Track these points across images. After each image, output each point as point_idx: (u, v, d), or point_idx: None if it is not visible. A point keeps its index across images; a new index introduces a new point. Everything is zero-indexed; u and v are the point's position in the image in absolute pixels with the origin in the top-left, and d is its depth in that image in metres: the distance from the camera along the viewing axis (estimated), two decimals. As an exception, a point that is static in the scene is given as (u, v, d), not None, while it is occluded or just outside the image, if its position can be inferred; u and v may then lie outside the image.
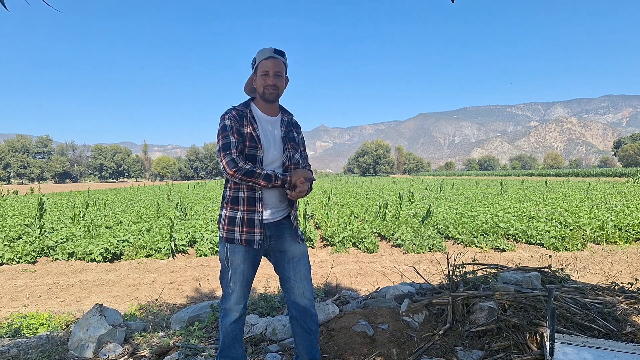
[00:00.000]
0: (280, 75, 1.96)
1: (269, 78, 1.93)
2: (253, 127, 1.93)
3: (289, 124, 2.08)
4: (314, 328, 2.09)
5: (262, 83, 1.94)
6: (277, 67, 1.94)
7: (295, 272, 2.05)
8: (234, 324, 2.03)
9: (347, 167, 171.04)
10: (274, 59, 1.93)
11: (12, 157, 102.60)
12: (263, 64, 1.94)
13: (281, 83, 1.97)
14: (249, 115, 1.95)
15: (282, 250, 2.04)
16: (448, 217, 10.36)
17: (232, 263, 1.96)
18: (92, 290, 5.39)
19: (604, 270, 5.71)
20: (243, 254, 1.96)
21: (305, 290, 2.05)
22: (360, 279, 5.61)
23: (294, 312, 2.08)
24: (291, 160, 2.01)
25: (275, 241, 2.02)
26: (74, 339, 2.68)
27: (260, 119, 1.99)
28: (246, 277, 2.00)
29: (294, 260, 2.05)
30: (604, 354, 1.91)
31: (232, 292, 1.99)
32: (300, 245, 2.08)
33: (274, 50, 1.94)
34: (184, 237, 7.88)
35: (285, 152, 2.00)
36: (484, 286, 2.92)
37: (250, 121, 1.94)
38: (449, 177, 70.19)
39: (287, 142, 2.01)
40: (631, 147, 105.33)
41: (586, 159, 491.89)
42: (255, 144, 1.91)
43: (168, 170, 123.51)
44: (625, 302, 2.60)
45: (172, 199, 20.39)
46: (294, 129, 2.10)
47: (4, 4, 1.45)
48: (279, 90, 1.97)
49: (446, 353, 2.34)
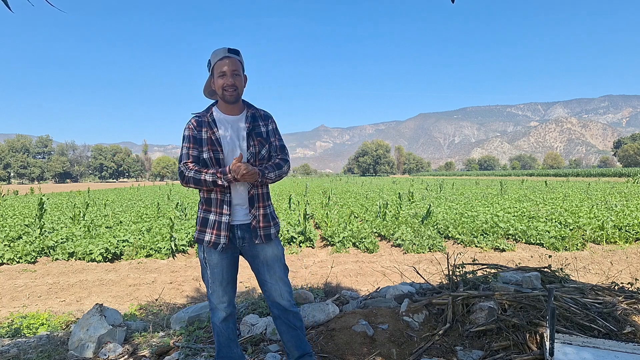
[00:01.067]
0: (238, 74, 1.94)
1: (226, 78, 1.90)
2: (212, 131, 1.93)
3: (253, 118, 2.04)
4: (298, 324, 2.09)
5: (220, 84, 1.92)
6: (234, 65, 1.91)
7: (271, 274, 2.04)
8: (223, 323, 2.03)
9: (347, 167, 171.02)
10: (229, 58, 1.91)
11: (12, 157, 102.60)
12: (219, 65, 1.91)
13: (240, 82, 1.95)
14: (208, 120, 1.95)
15: (255, 253, 2.03)
16: (448, 217, 10.35)
17: (210, 263, 1.98)
18: (92, 290, 5.39)
19: (603, 270, 5.71)
20: (219, 254, 1.97)
21: (282, 291, 2.05)
22: (360, 279, 5.61)
23: (276, 311, 2.09)
24: (256, 157, 1.99)
25: (247, 244, 2.00)
26: (74, 339, 2.68)
27: (222, 120, 1.98)
28: (225, 276, 2.00)
29: (267, 262, 2.04)
30: (604, 354, 1.91)
31: (212, 291, 2.01)
32: (272, 247, 2.05)
33: (228, 49, 1.92)
34: (184, 237, 7.88)
35: (250, 148, 1.97)
36: (484, 286, 2.93)
37: (209, 125, 1.94)
38: (449, 177, 70.18)
39: (253, 138, 1.99)
40: (631, 147, 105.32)
41: (586, 159, 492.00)
42: (216, 147, 1.92)
43: (168, 170, 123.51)
44: (625, 302, 2.60)
45: (172, 199, 20.39)
46: (261, 122, 2.05)
47: (8, 5, 1.45)
48: (239, 90, 1.95)
49: (446, 353, 2.34)
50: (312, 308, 2.91)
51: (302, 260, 6.94)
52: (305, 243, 8.11)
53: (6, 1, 1.44)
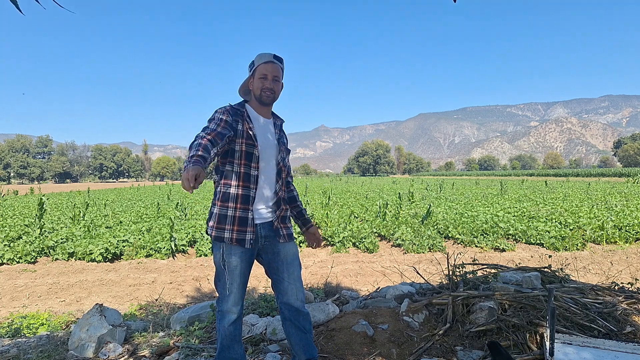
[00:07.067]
0: (278, 80, 2.00)
1: (267, 81, 1.97)
2: (249, 126, 1.95)
3: (281, 128, 2.15)
4: (308, 327, 2.09)
5: (259, 86, 1.97)
6: (276, 71, 1.98)
7: (289, 273, 2.04)
8: (232, 325, 2.01)
9: (347, 167, 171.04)
10: (273, 64, 1.97)
11: (12, 157, 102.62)
12: (262, 68, 1.97)
13: (278, 88, 2.01)
14: (245, 114, 1.99)
15: (276, 251, 2.04)
16: (448, 217, 10.35)
17: (229, 265, 1.94)
18: (92, 290, 5.39)
19: (604, 270, 5.71)
20: (239, 255, 1.94)
21: (298, 291, 2.06)
22: (360, 279, 5.61)
23: (286, 313, 2.08)
24: (284, 162, 2.08)
25: (269, 242, 2.01)
26: (74, 338, 2.68)
27: (257, 118, 2.03)
28: (243, 278, 1.99)
29: (287, 261, 2.04)
30: (604, 354, 1.91)
31: (229, 293, 1.98)
32: (292, 246, 2.09)
33: (274, 56, 1.99)
34: (184, 237, 7.88)
35: (280, 153, 2.05)
36: (484, 286, 2.93)
37: (246, 119, 1.97)
38: (449, 177, 70.17)
39: (280, 145, 2.07)
40: (631, 147, 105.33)
41: (586, 159, 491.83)
42: (252, 141, 1.93)
43: (168, 170, 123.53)
44: (625, 302, 2.60)
45: (172, 199, 20.39)
46: (284, 135, 2.16)
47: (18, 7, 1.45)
48: (275, 95, 2.01)
49: (446, 353, 2.34)
50: (312, 308, 2.91)
51: (302, 260, 6.93)
52: (306, 243, 8.12)
53: (16, 3, 1.44)
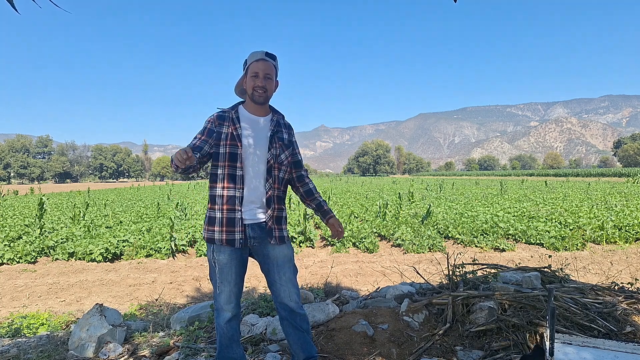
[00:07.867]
0: (270, 78, 1.99)
1: (258, 80, 1.96)
2: (235, 127, 1.97)
3: (278, 124, 2.10)
4: (305, 327, 2.09)
5: (251, 85, 1.97)
6: (268, 69, 1.97)
7: (281, 275, 2.04)
8: (228, 323, 2.03)
9: (347, 167, 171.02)
10: (264, 62, 1.97)
11: (12, 157, 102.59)
12: (254, 66, 1.97)
13: (270, 86, 2.01)
14: (232, 116, 2.00)
15: (266, 253, 2.03)
16: (448, 217, 10.35)
17: (219, 263, 1.97)
18: (92, 290, 5.40)
19: (603, 270, 5.71)
20: (229, 254, 1.96)
21: (291, 293, 2.05)
22: (360, 279, 5.61)
23: (283, 313, 2.08)
24: (276, 159, 2.03)
25: (258, 243, 2.00)
26: (74, 338, 2.68)
27: (246, 118, 2.03)
28: (234, 276, 2.00)
29: (277, 263, 2.03)
30: (604, 354, 1.91)
31: (220, 292, 2.00)
32: (284, 249, 2.05)
33: (265, 53, 1.98)
34: (184, 237, 7.89)
35: (271, 150, 2.02)
36: (484, 286, 2.93)
37: (232, 121, 1.98)
38: (449, 177, 70.17)
39: (275, 141, 2.04)
40: (631, 147, 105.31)
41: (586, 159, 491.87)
42: (235, 142, 1.95)
43: (168, 170, 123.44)
44: (625, 302, 2.60)
45: (172, 199, 20.39)
46: (284, 129, 2.12)
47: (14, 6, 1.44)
48: (268, 93, 2.01)
49: (446, 353, 2.34)
50: (312, 308, 2.91)
51: (302, 260, 6.94)
52: (306, 243, 8.11)
53: (12, 2, 1.43)
